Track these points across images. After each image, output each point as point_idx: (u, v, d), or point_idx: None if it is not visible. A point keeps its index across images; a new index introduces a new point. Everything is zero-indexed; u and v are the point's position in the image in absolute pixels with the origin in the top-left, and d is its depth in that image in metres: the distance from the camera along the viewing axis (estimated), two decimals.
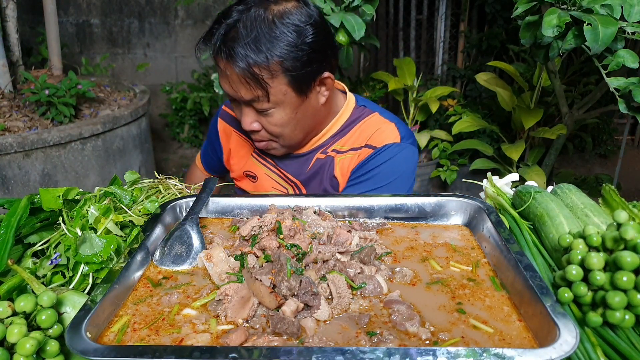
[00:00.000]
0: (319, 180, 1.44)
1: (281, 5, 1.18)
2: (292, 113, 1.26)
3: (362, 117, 1.44)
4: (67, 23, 5.08)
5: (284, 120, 1.26)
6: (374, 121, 1.42)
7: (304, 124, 1.32)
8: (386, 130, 1.40)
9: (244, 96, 1.21)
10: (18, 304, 0.67)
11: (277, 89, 1.20)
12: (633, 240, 0.69)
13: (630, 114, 1.60)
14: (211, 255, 0.87)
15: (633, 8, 1.58)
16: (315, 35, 1.20)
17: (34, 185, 2.82)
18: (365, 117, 1.44)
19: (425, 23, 5.37)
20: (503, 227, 0.92)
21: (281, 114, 1.25)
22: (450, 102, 4.55)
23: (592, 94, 3.18)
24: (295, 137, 1.34)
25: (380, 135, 1.39)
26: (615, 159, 4.29)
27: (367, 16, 2.32)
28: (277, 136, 1.31)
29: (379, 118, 1.43)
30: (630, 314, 0.69)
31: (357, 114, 1.45)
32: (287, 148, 1.38)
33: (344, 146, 1.42)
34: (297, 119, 1.28)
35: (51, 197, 0.99)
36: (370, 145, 1.39)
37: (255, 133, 1.32)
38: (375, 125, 1.41)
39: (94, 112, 3.34)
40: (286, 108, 1.24)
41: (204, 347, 0.64)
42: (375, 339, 0.69)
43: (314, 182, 1.45)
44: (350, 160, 1.41)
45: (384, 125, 1.41)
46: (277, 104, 1.22)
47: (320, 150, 1.44)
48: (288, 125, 1.28)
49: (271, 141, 1.34)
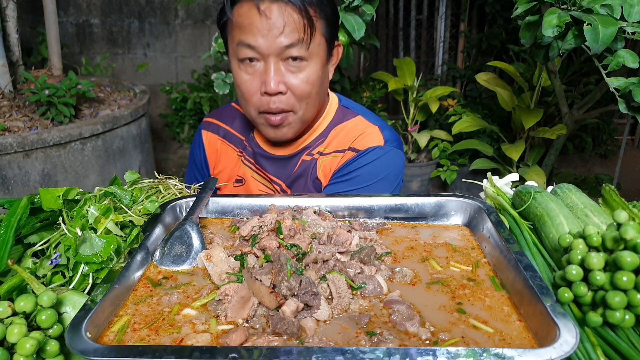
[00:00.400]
0: (303, 182, 1.43)
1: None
2: (320, 70, 1.26)
3: (346, 119, 1.43)
4: (67, 23, 5.08)
5: (314, 76, 1.24)
6: (358, 124, 1.42)
7: (321, 93, 1.32)
8: (370, 133, 1.39)
9: (284, 40, 1.17)
10: (18, 304, 0.67)
11: (318, 35, 1.21)
12: (633, 240, 0.69)
13: (630, 114, 1.60)
14: (211, 255, 0.87)
15: (633, 8, 1.58)
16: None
17: (34, 185, 2.82)
18: (348, 119, 1.43)
19: (425, 23, 5.38)
20: (503, 227, 0.92)
21: (313, 68, 1.23)
22: (450, 102, 4.55)
23: (592, 94, 3.18)
24: (313, 107, 1.31)
25: (364, 138, 1.39)
26: (615, 159, 4.29)
27: (367, 16, 2.32)
28: (303, 99, 1.26)
29: (363, 121, 1.43)
30: (630, 314, 0.69)
31: (341, 115, 1.44)
32: (301, 124, 1.33)
33: (327, 148, 1.42)
34: (322, 80, 1.28)
35: (51, 197, 0.99)
36: (354, 148, 1.38)
37: (278, 97, 1.24)
38: (360, 128, 1.41)
39: (94, 112, 3.35)
40: (317, 63, 1.24)
41: (204, 347, 0.64)
42: (375, 339, 0.69)
43: (298, 184, 1.44)
44: (332, 162, 1.41)
45: (369, 128, 1.40)
46: (312, 55, 1.22)
47: (305, 152, 1.43)
48: (315, 85, 1.26)
49: (291, 112, 1.28)
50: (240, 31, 1.20)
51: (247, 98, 1.27)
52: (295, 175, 1.44)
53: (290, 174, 1.44)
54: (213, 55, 3.58)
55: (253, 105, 1.28)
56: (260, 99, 1.25)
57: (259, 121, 1.32)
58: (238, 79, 1.27)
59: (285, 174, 1.45)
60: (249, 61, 1.23)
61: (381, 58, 5.65)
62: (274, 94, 1.23)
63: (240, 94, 1.30)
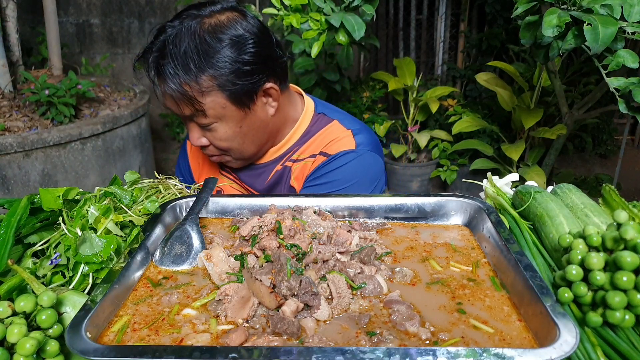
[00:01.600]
0: (279, 191, 1.43)
1: (214, 18, 1.16)
2: (236, 127, 1.24)
3: (321, 125, 1.41)
4: (67, 23, 5.08)
5: (228, 134, 1.25)
6: (332, 130, 1.39)
7: (253, 137, 1.30)
8: (343, 138, 1.37)
9: (183, 112, 1.21)
10: (18, 304, 0.67)
11: (214, 103, 1.18)
12: (633, 240, 0.69)
13: (630, 114, 1.60)
14: (211, 255, 0.87)
15: (633, 8, 1.58)
16: (253, 47, 1.17)
17: (34, 185, 2.82)
18: (323, 126, 1.40)
19: (425, 23, 5.38)
20: (503, 227, 0.92)
21: (224, 128, 1.23)
22: (450, 102, 4.55)
23: (592, 94, 3.18)
24: (246, 150, 1.32)
25: (336, 143, 1.37)
26: (615, 159, 4.29)
27: (367, 16, 2.32)
28: (226, 150, 1.30)
29: (338, 127, 1.40)
30: (630, 314, 0.69)
31: (315, 122, 1.42)
32: (243, 160, 1.37)
33: (301, 155, 1.40)
34: (244, 132, 1.26)
35: (51, 197, 0.99)
36: (325, 153, 1.37)
37: (205, 148, 1.30)
38: (333, 134, 1.39)
39: (94, 112, 3.35)
40: (229, 122, 1.23)
41: (204, 347, 0.64)
42: (375, 339, 0.69)
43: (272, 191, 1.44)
44: (304, 167, 1.39)
45: (342, 133, 1.38)
46: (218, 118, 1.21)
47: (280, 162, 1.41)
48: (235, 140, 1.27)
49: (223, 155, 1.33)
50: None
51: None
52: (270, 184, 1.43)
53: (263, 184, 1.44)
54: None
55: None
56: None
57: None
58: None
59: (260, 184, 1.44)
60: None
61: (381, 58, 5.65)
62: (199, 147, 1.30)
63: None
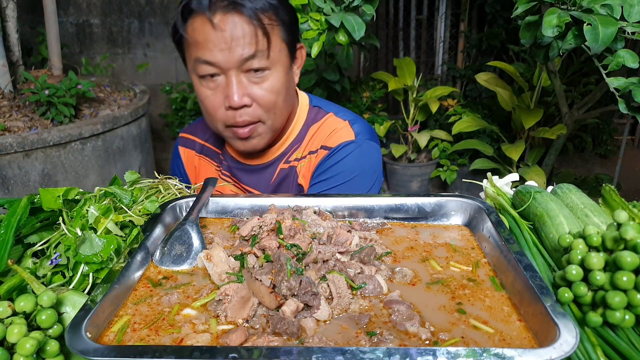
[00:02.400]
0: (286, 191, 1.41)
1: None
2: (284, 77, 1.22)
3: (317, 119, 1.41)
4: (67, 23, 5.08)
5: (279, 84, 1.21)
6: (329, 123, 1.39)
7: (288, 99, 1.28)
8: (341, 129, 1.37)
9: (243, 53, 1.14)
10: (18, 304, 0.67)
11: (276, 43, 1.18)
12: (633, 240, 0.69)
13: (630, 114, 1.60)
14: (211, 255, 0.87)
15: (633, 8, 1.58)
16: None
17: (34, 185, 2.82)
18: (320, 119, 1.41)
19: (425, 23, 5.38)
20: (503, 227, 0.92)
21: (276, 76, 1.20)
22: (450, 102, 4.55)
23: (592, 94, 3.18)
24: (282, 115, 1.28)
25: (335, 135, 1.37)
26: (615, 159, 4.29)
27: (367, 16, 2.32)
28: (270, 109, 1.23)
29: (335, 119, 1.40)
30: (630, 314, 0.69)
31: (312, 116, 1.42)
32: (272, 133, 1.30)
33: (303, 152, 1.39)
34: (287, 87, 1.24)
35: (51, 197, 0.98)
36: (326, 146, 1.36)
37: (244, 110, 1.21)
38: (331, 126, 1.39)
39: (94, 112, 3.35)
40: (280, 70, 1.21)
41: (204, 347, 0.64)
42: (375, 339, 0.69)
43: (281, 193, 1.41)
44: (309, 164, 1.38)
45: (339, 125, 1.38)
46: (273, 63, 1.19)
47: (282, 160, 1.40)
48: (281, 93, 1.23)
49: (259, 123, 1.25)
50: (197, 48, 1.16)
51: (212, 113, 1.24)
52: (275, 184, 1.41)
53: (268, 184, 1.41)
54: None
55: (219, 120, 1.24)
56: (225, 113, 1.22)
57: (226, 134, 1.29)
58: (200, 94, 1.23)
59: (264, 184, 1.42)
60: (210, 77, 1.19)
61: (381, 58, 5.65)
62: (238, 108, 1.20)
63: (204, 109, 1.27)
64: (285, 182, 1.41)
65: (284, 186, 1.42)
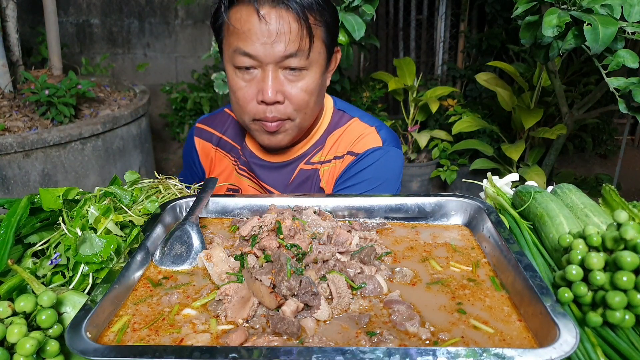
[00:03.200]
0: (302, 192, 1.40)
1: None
2: (319, 79, 1.22)
3: (342, 123, 1.40)
4: (67, 23, 5.08)
5: (313, 85, 1.20)
6: (355, 128, 1.39)
7: (319, 101, 1.28)
8: (368, 135, 1.37)
9: (286, 50, 1.13)
10: (18, 304, 0.67)
11: (317, 44, 1.18)
12: (633, 240, 0.69)
13: (630, 114, 1.60)
14: (211, 255, 0.87)
15: (633, 8, 1.58)
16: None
17: (34, 185, 2.82)
18: (345, 123, 1.40)
19: (425, 23, 5.38)
20: (503, 227, 0.92)
21: (312, 77, 1.20)
22: (450, 102, 4.55)
23: (592, 94, 3.18)
24: (311, 116, 1.28)
25: (362, 140, 1.36)
26: (615, 159, 4.29)
27: (367, 16, 2.32)
28: (301, 108, 1.22)
29: (360, 124, 1.40)
30: (630, 314, 0.69)
31: (337, 119, 1.41)
32: (298, 131, 1.29)
33: (327, 156, 1.39)
34: (319, 89, 1.24)
35: (51, 197, 0.98)
36: (352, 152, 1.36)
37: (275, 107, 1.20)
38: (357, 131, 1.38)
39: (94, 112, 3.35)
40: (317, 71, 1.21)
41: (204, 347, 0.64)
42: (375, 339, 0.69)
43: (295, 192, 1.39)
44: (334, 169, 1.38)
45: (366, 130, 1.38)
46: (311, 64, 1.18)
47: (303, 160, 1.39)
48: (314, 94, 1.22)
49: (288, 120, 1.24)
50: (238, 38, 1.15)
51: (243, 105, 1.23)
52: (294, 184, 1.40)
53: (287, 183, 1.41)
54: (213, 55, 3.58)
55: (248, 113, 1.24)
56: (256, 107, 1.21)
57: (253, 127, 1.28)
58: (234, 85, 1.22)
59: (282, 183, 1.41)
60: (246, 69, 1.19)
61: (381, 58, 5.65)
62: (270, 104, 1.19)
63: (234, 101, 1.25)
64: (306, 184, 1.40)
65: (304, 188, 1.40)
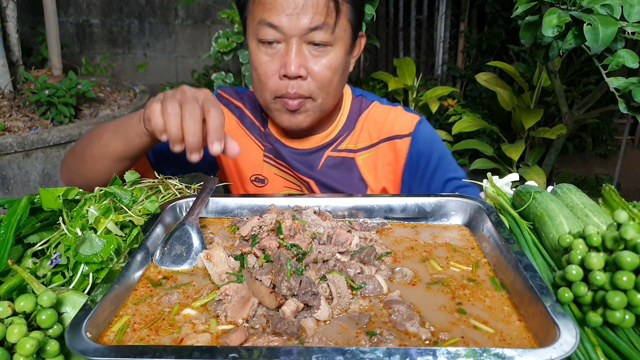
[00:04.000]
0: (343, 180, 1.36)
1: None
2: (343, 57, 1.19)
3: (364, 108, 1.39)
4: (67, 23, 5.08)
5: (337, 62, 1.18)
6: (380, 111, 1.38)
7: (342, 82, 1.25)
8: (401, 115, 1.37)
9: (311, 22, 1.11)
10: (18, 304, 0.67)
11: (343, 20, 1.16)
12: (633, 240, 0.69)
13: (630, 114, 1.60)
14: (211, 255, 0.87)
15: (633, 8, 1.58)
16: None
17: (34, 185, 2.82)
18: (366, 108, 1.39)
19: (425, 23, 5.38)
20: (503, 227, 0.92)
21: (336, 54, 1.17)
22: (450, 102, 4.55)
23: (592, 94, 3.18)
24: (333, 97, 1.25)
25: (400, 121, 1.36)
26: (615, 159, 4.29)
27: (367, 16, 2.32)
28: (323, 86, 1.19)
29: (382, 106, 1.39)
30: (630, 314, 0.69)
31: (357, 105, 1.40)
32: (319, 113, 1.25)
33: (357, 144, 1.36)
34: (343, 69, 1.22)
35: (51, 197, 0.98)
36: (400, 135, 1.35)
37: (297, 82, 1.17)
38: (384, 113, 1.37)
39: (94, 112, 3.35)
40: (341, 49, 1.18)
41: (204, 347, 0.64)
42: (375, 339, 0.69)
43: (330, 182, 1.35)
44: (374, 158, 1.36)
45: (393, 111, 1.37)
46: (336, 40, 1.16)
47: (330, 148, 1.37)
48: (337, 72, 1.20)
49: (309, 99, 1.21)
50: (263, 8, 1.13)
51: (264, 81, 1.19)
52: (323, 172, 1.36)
53: (315, 170, 1.37)
54: (213, 55, 3.58)
55: (269, 89, 1.20)
56: (277, 82, 1.18)
57: (273, 106, 1.23)
58: (256, 60, 1.19)
59: (311, 170, 1.37)
60: (269, 43, 1.16)
61: (381, 58, 5.65)
62: (293, 78, 1.16)
63: (256, 77, 1.22)
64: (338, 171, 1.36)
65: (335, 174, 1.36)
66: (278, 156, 1.39)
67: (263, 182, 1.41)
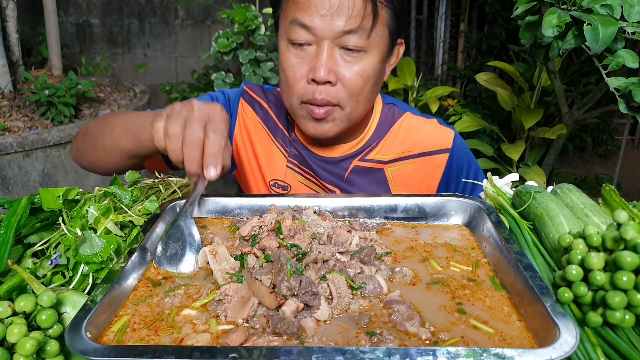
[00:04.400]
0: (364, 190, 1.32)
1: None
2: (378, 65, 1.13)
3: (396, 118, 1.34)
4: (67, 23, 5.08)
5: (370, 70, 1.12)
6: (414, 122, 1.34)
7: (374, 91, 1.19)
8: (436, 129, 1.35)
9: (346, 25, 1.05)
10: (18, 304, 0.67)
11: (380, 25, 1.09)
12: (633, 240, 0.69)
13: (630, 114, 1.60)
14: (216, 251, 0.87)
15: (633, 8, 1.58)
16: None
17: (34, 185, 2.82)
18: (398, 118, 1.34)
19: (425, 23, 5.38)
20: (503, 227, 0.92)
21: (370, 61, 1.11)
22: (450, 102, 4.55)
23: (592, 94, 3.18)
24: (363, 106, 1.19)
25: (437, 136, 1.34)
26: (615, 159, 4.29)
27: None
28: (353, 94, 1.14)
29: (416, 118, 1.35)
30: (630, 314, 0.69)
31: (388, 114, 1.35)
32: (347, 122, 1.20)
33: (385, 154, 1.31)
34: (377, 77, 1.16)
35: (51, 197, 0.98)
36: (437, 151, 1.33)
37: (326, 88, 1.12)
38: (418, 126, 1.34)
39: (94, 112, 3.35)
40: (376, 56, 1.12)
41: (204, 347, 0.64)
42: (375, 339, 0.69)
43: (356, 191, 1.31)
44: (409, 171, 1.32)
45: (428, 124, 1.35)
46: (371, 46, 1.10)
47: (358, 157, 1.31)
48: (370, 81, 1.14)
49: (337, 107, 1.15)
50: (297, 7, 1.08)
51: (291, 84, 1.14)
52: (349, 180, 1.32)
53: (342, 180, 1.33)
54: (213, 55, 3.58)
55: (296, 94, 1.15)
56: (305, 86, 1.13)
57: (299, 112, 1.18)
58: (285, 61, 1.14)
59: (337, 180, 1.33)
60: (300, 45, 1.11)
61: None
62: (322, 83, 1.11)
63: (284, 79, 1.17)
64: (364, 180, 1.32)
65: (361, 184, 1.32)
66: (303, 163, 1.34)
67: (285, 189, 1.36)
